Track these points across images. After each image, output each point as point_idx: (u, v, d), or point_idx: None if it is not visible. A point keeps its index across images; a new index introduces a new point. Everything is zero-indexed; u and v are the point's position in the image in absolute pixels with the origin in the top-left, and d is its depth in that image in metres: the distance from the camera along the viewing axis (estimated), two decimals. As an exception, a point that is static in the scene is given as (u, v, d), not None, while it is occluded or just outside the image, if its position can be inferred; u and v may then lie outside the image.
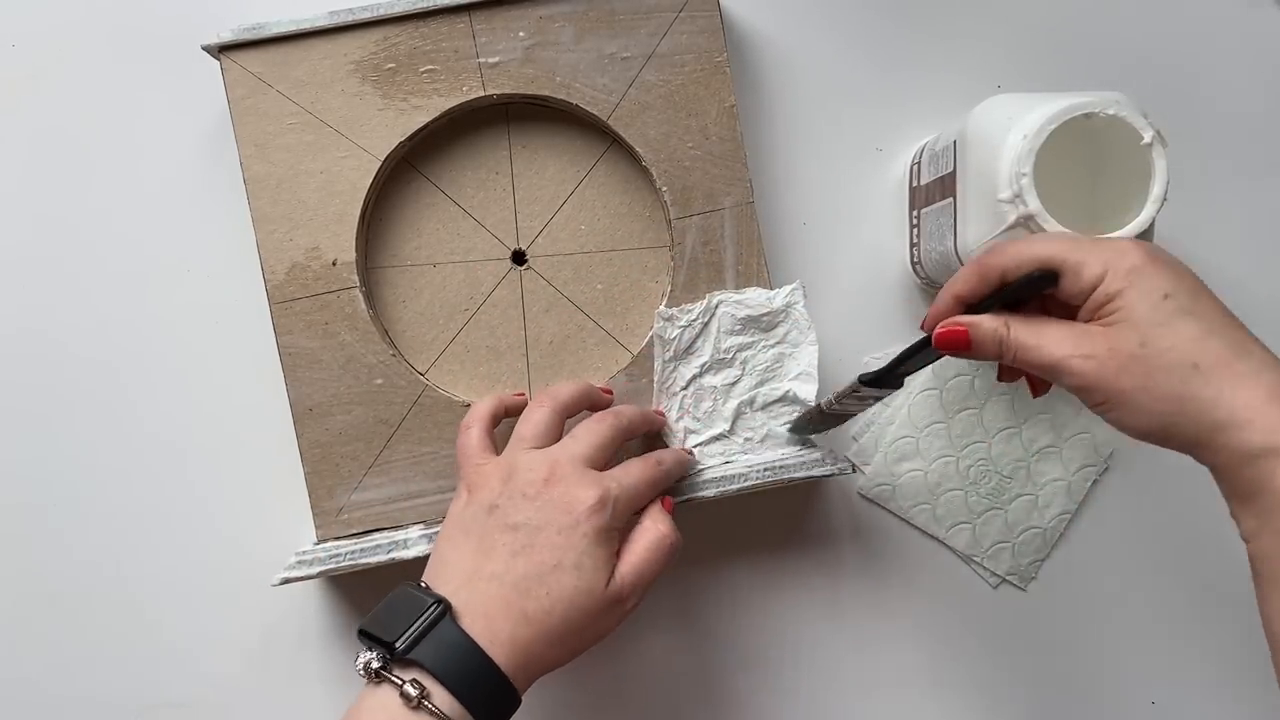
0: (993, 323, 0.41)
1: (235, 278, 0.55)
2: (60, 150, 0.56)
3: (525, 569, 0.42)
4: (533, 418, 0.47)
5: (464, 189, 0.54)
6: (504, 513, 0.43)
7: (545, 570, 0.42)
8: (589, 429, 0.46)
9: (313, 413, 0.52)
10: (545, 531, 0.42)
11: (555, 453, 0.45)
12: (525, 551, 0.42)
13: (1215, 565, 0.57)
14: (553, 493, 0.43)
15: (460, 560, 0.43)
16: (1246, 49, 0.58)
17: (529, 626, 0.41)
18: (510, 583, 0.42)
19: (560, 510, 0.43)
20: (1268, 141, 0.58)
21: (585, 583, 0.42)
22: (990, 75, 0.57)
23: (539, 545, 0.42)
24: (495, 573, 0.42)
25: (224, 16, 0.54)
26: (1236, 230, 0.57)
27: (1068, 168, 0.46)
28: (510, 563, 0.42)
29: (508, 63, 0.52)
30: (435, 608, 0.41)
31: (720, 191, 0.53)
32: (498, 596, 0.41)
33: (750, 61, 0.57)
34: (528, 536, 0.42)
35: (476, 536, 0.43)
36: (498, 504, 0.43)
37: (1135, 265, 0.39)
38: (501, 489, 0.44)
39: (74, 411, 0.56)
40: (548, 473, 0.44)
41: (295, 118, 0.52)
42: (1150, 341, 0.38)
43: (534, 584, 0.41)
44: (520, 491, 0.43)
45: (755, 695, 0.57)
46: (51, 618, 0.56)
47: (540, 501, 0.43)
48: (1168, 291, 0.38)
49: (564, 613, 0.41)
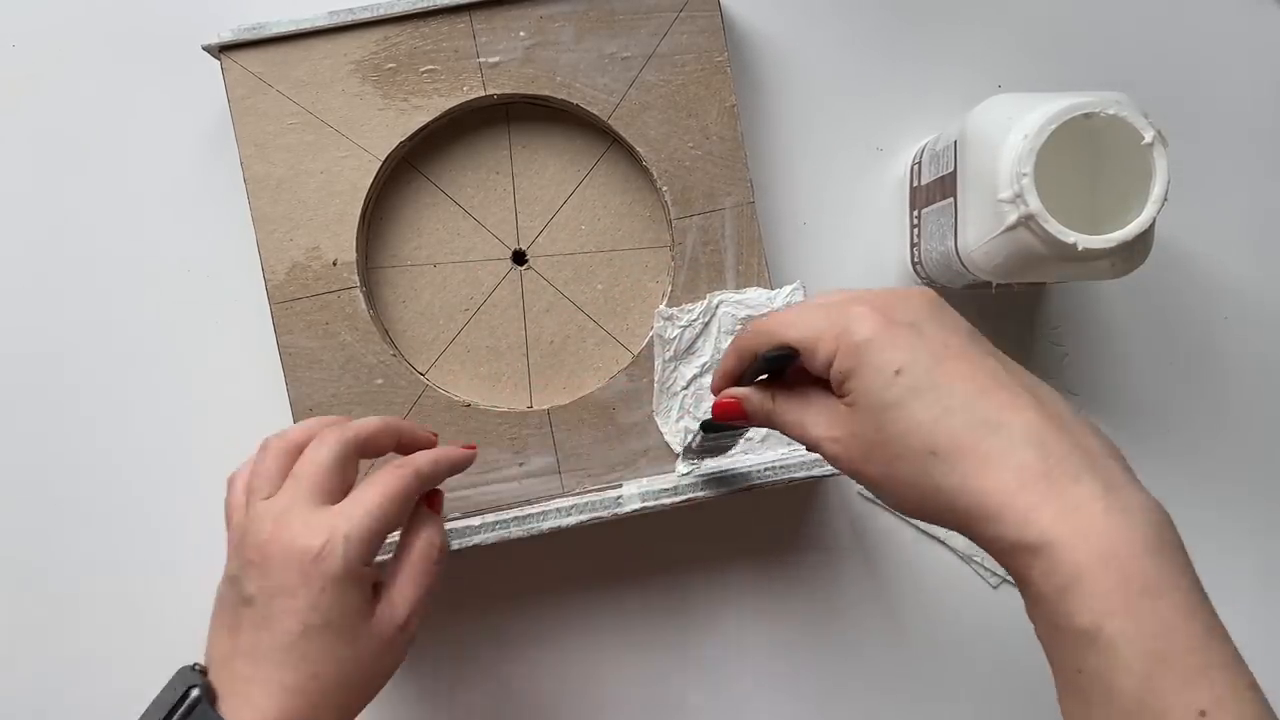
0: (759, 396, 0.40)
1: (235, 278, 0.55)
2: (60, 150, 0.56)
3: (272, 641, 0.38)
4: (259, 466, 0.42)
5: (464, 189, 0.54)
6: (240, 584, 0.40)
7: (293, 639, 0.38)
8: (307, 457, 0.41)
9: (313, 413, 0.52)
10: (279, 598, 0.38)
11: (280, 501, 0.40)
12: (266, 624, 0.39)
13: (1215, 565, 0.56)
14: (275, 552, 0.39)
15: (218, 640, 0.40)
16: (1247, 49, 0.58)
17: (296, 698, 0.38)
18: (262, 658, 0.38)
19: (286, 571, 0.38)
20: (1269, 141, 0.58)
21: (341, 637, 0.39)
22: (990, 75, 0.57)
23: (277, 614, 0.38)
24: (245, 650, 0.39)
25: (224, 16, 0.54)
26: (1237, 230, 0.57)
27: (1068, 168, 0.45)
28: (256, 638, 0.39)
29: (508, 63, 0.52)
30: (193, 694, 0.38)
31: (721, 191, 0.53)
32: (254, 675, 0.38)
33: (750, 61, 0.57)
34: (264, 607, 0.39)
35: (227, 612, 0.40)
36: (235, 575, 0.40)
37: (866, 338, 0.35)
38: (236, 557, 0.40)
39: (73, 411, 0.56)
40: (271, 528, 0.39)
41: (295, 118, 0.52)
42: (885, 426, 0.34)
43: (288, 655, 0.38)
44: (249, 559, 0.39)
45: (755, 695, 0.57)
46: (51, 618, 0.56)
47: (266, 566, 0.39)
48: (899, 366, 0.34)
49: (331, 673, 0.39)
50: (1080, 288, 0.57)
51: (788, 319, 0.38)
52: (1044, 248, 0.44)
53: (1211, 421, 0.58)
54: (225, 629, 0.40)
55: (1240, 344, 0.57)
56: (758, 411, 0.40)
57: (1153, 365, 0.58)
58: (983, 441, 0.32)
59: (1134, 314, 0.57)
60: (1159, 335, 0.57)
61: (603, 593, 0.56)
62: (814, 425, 0.37)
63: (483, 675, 0.56)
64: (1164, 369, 0.58)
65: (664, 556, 0.56)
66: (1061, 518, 0.31)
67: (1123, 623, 0.30)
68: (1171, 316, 0.57)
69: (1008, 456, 0.32)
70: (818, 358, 0.36)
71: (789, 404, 0.39)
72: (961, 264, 0.49)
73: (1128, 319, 0.57)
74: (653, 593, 0.57)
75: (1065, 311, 0.57)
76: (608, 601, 0.56)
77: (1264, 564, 0.57)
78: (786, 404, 0.39)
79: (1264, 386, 0.58)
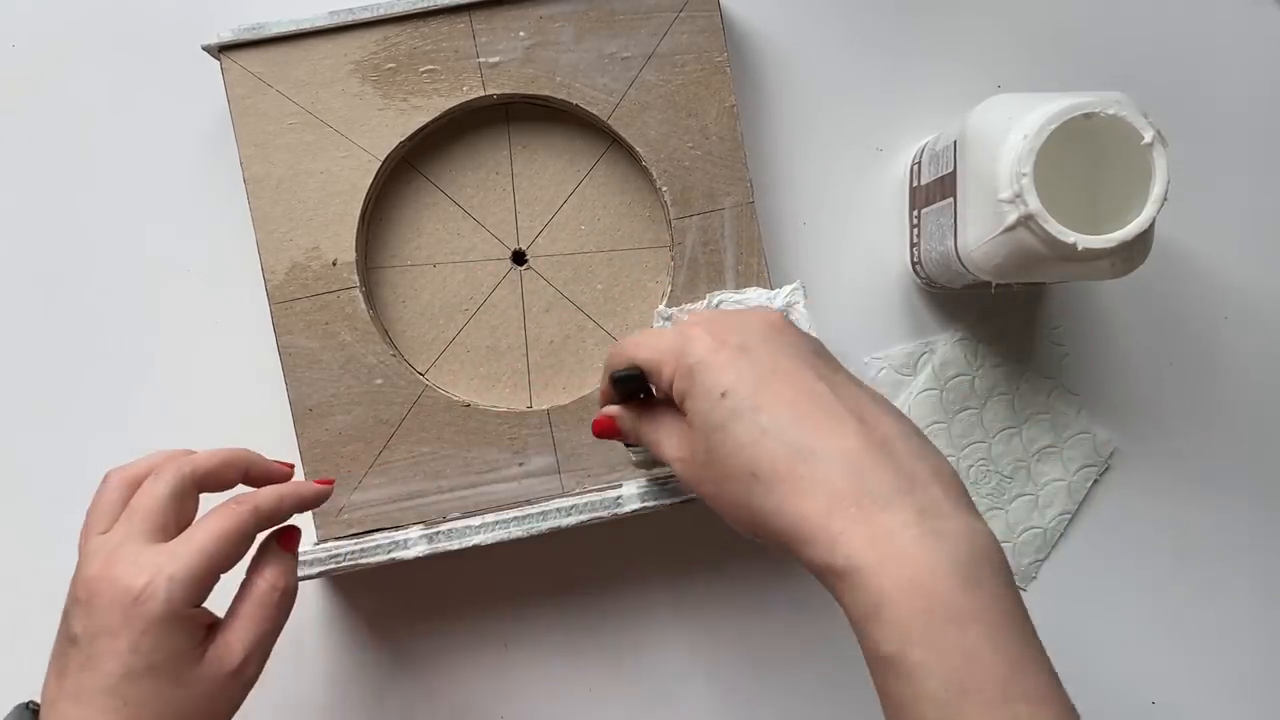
0: (628, 415, 0.42)
1: (235, 278, 0.55)
2: (60, 150, 0.56)
3: (94, 684, 0.37)
4: (98, 499, 0.41)
5: (464, 189, 0.54)
6: (67, 622, 0.38)
7: (115, 681, 0.37)
8: (144, 490, 0.40)
9: (313, 413, 0.52)
10: (101, 638, 0.37)
11: (109, 538, 0.39)
12: (89, 665, 0.37)
13: (1215, 566, 0.57)
14: (100, 590, 0.37)
15: (48, 681, 0.39)
16: (1247, 49, 0.57)
17: None
18: (86, 701, 0.37)
19: (110, 611, 0.37)
20: (1268, 141, 0.57)
21: (167, 680, 0.37)
22: (990, 75, 0.57)
23: (100, 655, 0.37)
24: (70, 692, 0.37)
25: (224, 16, 0.54)
26: (1237, 230, 0.57)
27: (1068, 168, 0.45)
28: (80, 680, 0.37)
29: (508, 63, 0.52)
30: None
31: (720, 191, 0.53)
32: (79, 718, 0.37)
33: (750, 61, 0.57)
34: (87, 647, 0.37)
35: (57, 652, 0.39)
36: (66, 611, 0.39)
37: (698, 360, 0.36)
38: (69, 594, 0.39)
39: (73, 412, 0.56)
40: (100, 565, 0.38)
41: (295, 118, 0.52)
42: (713, 448, 0.35)
43: (111, 698, 0.37)
44: (76, 595, 0.38)
45: (755, 695, 0.57)
46: (51, 618, 0.55)
47: (91, 605, 0.37)
48: (725, 389, 0.35)
49: (155, 716, 0.37)
50: (1080, 288, 0.57)
51: (639, 340, 0.39)
52: (1044, 248, 0.44)
53: (1211, 421, 0.57)
54: (55, 669, 0.39)
55: (1240, 344, 0.57)
56: (628, 430, 0.42)
57: (1153, 365, 0.57)
58: (797, 466, 0.33)
59: (1134, 314, 0.57)
60: (1159, 335, 0.57)
61: (602, 593, 0.56)
62: (666, 445, 0.39)
63: (482, 675, 0.56)
64: (1164, 369, 0.57)
65: (664, 556, 0.56)
66: (870, 544, 0.31)
67: (924, 652, 0.30)
68: (1171, 316, 0.57)
69: (820, 482, 0.33)
70: (662, 379, 0.38)
71: (649, 423, 0.40)
72: (961, 264, 0.49)
73: (1128, 319, 0.57)
74: (653, 593, 0.57)
75: (1065, 311, 0.57)
76: (607, 601, 0.56)
77: (1264, 563, 0.57)
78: (647, 423, 0.40)
79: (1264, 386, 0.58)
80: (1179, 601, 0.57)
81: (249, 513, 0.40)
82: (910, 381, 0.57)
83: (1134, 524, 0.57)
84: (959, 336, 0.57)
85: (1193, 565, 0.57)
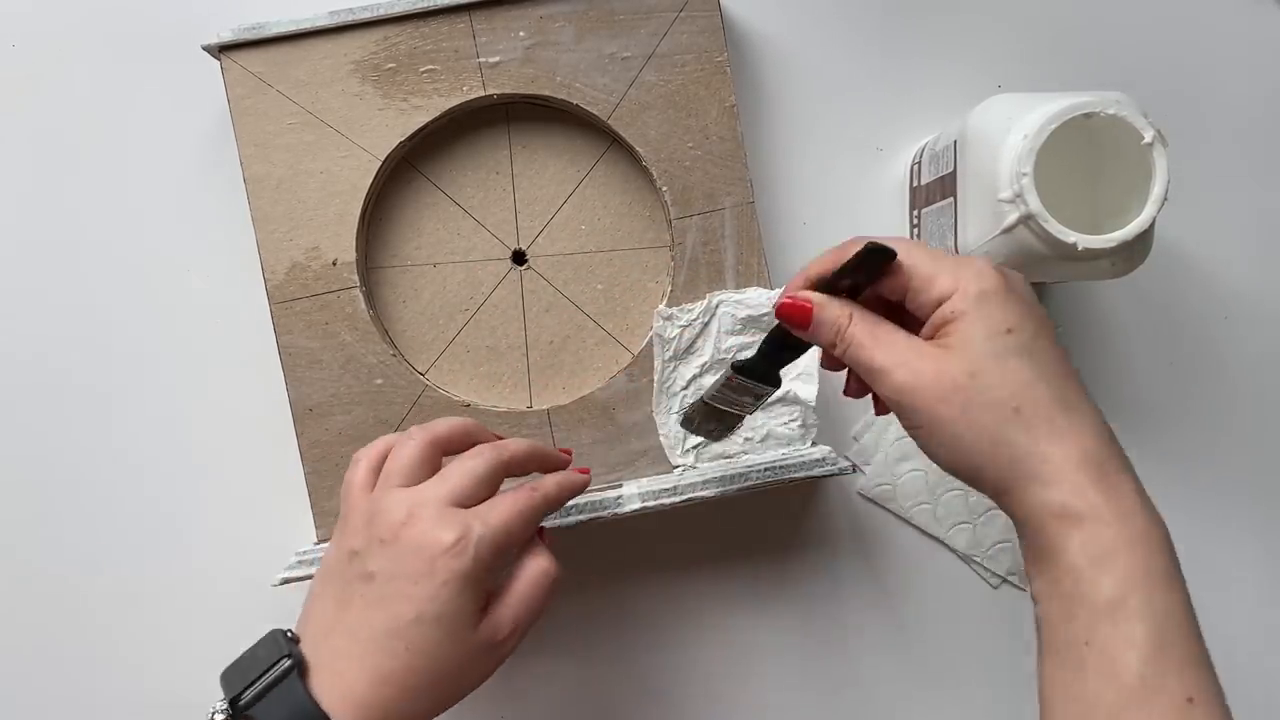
0: (838, 309, 0.39)
1: (235, 278, 0.55)
2: (60, 150, 0.56)
3: (381, 623, 0.38)
4: (401, 453, 0.42)
5: (464, 189, 0.54)
6: (362, 560, 0.40)
7: (403, 624, 0.38)
8: (459, 465, 0.42)
9: (313, 413, 0.52)
10: (398, 580, 0.39)
11: (420, 492, 0.41)
12: (380, 603, 0.39)
13: (1216, 565, 0.57)
14: (409, 536, 0.39)
15: (321, 611, 0.40)
16: (1247, 49, 0.57)
17: (387, 686, 0.38)
18: (366, 638, 0.38)
19: (415, 557, 0.39)
20: (1269, 141, 0.58)
21: (448, 634, 0.39)
22: (990, 75, 0.57)
23: (394, 596, 0.39)
24: (351, 626, 0.39)
25: (224, 16, 0.54)
26: (1237, 230, 0.57)
27: (1068, 168, 0.45)
28: (366, 615, 0.39)
29: (508, 63, 0.52)
30: (284, 664, 0.38)
31: (720, 191, 0.53)
32: (354, 654, 0.38)
33: (750, 61, 0.57)
34: (382, 587, 0.39)
35: (336, 585, 0.40)
36: (357, 550, 0.40)
37: (985, 291, 0.37)
38: (363, 533, 0.40)
39: (73, 412, 0.56)
40: (406, 515, 0.40)
41: (295, 117, 0.52)
42: (979, 374, 0.36)
43: (391, 640, 0.38)
44: (378, 536, 0.40)
45: (755, 695, 0.57)
46: (51, 618, 0.56)
47: (397, 547, 0.39)
48: (1011, 326, 0.36)
49: (428, 667, 0.38)
50: (1080, 288, 0.57)
51: (913, 244, 0.39)
52: (1044, 248, 0.44)
53: (1211, 421, 0.57)
54: (333, 601, 0.40)
55: (1240, 344, 0.57)
56: (827, 322, 0.39)
57: (1153, 365, 0.57)
58: (1060, 414, 0.36)
59: (1134, 314, 0.57)
60: (1159, 335, 0.57)
61: (602, 593, 0.56)
62: (888, 353, 0.38)
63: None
64: (1164, 369, 0.58)
65: (664, 556, 0.56)
66: (1109, 499, 0.35)
67: (1144, 601, 0.34)
68: (1171, 316, 0.57)
69: (1078, 434, 0.35)
70: (932, 291, 0.38)
71: (866, 325, 0.39)
72: None
73: (1128, 319, 0.57)
74: (653, 593, 0.57)
75: (1065, 311, 0.57)
76: (607, 602, 0.56)
77: (1264, 563, 0.57)
78: (864, 325, 0.39)
79: (1264, 386, 0.58)
80: (1179, 601, 0.57)
81: (541, 499, 0.42)
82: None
83: None
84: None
85: (1193, 565, 0.57)
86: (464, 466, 0.42)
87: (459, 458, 0.43)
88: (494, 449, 0.43)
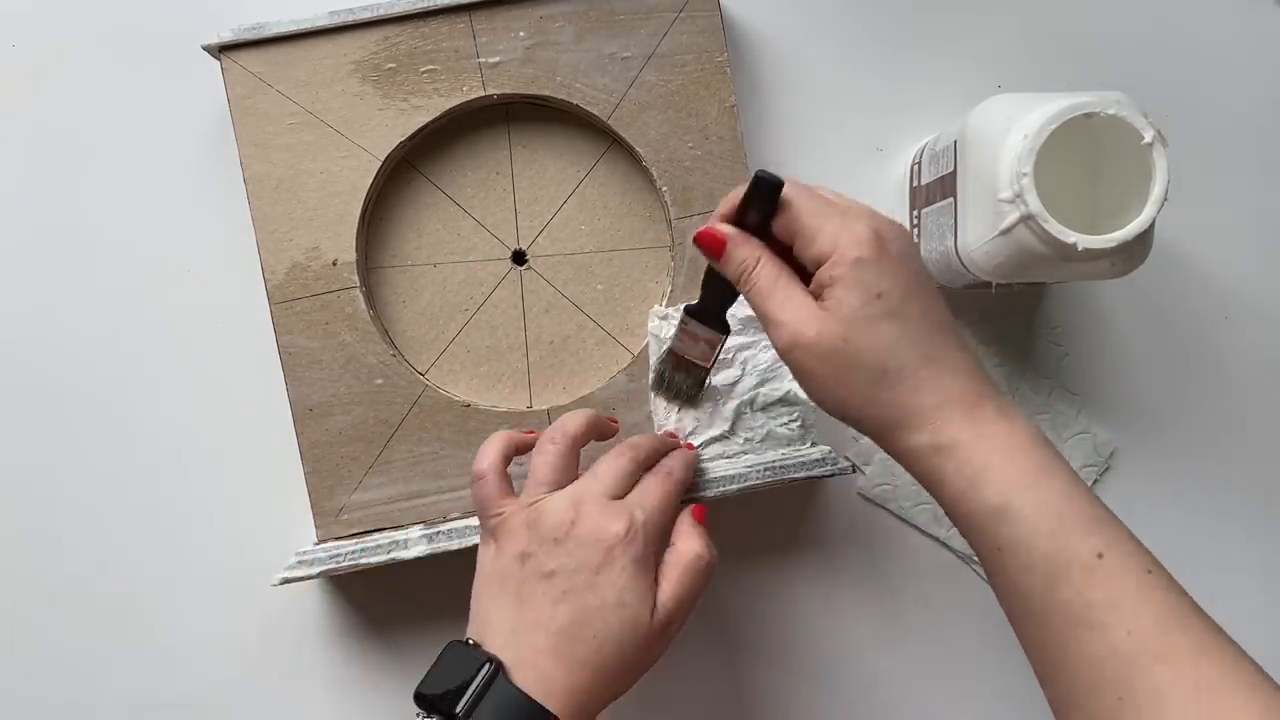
0: (748, 250, 0.42)
1: (235, 278, 0.55)
2: (60, 150, 0.56)
3: (569, 615, 0.41)
4: (547, 458, 0.45)
5: (464, 189, 0.54)
6: (537, 561, 0.42)
7: (589, 613, 0.41)
8: (609, 464, 0.45)
9: (313, 413, 0.52)
10: (581, 573, 0.41)
11: (578, 491, 0.44)
12: (565, 597, 0.41)
13: (1216, 566, 0.57)
14: (581, 533, 0.42)
15: (501, 615, 0.42)
16: (1247, 49, 0.57)
17: (583, 671, 0.40)
18: (556, 630, 0.41)
19: (592, 549, 0.42)
20: (1268, 141, 0.57)
21: (631, 617, 0.41)
22: (990, 75, 0.57)
23: (578, 588, 0.41)
24: (539, 622, 0.41)
25: (224, 16, 0.53)
26: (1237, 230, 0.57)
27: (1068, 168, 0.45)
28: (553, 611, 0.41)
29: (508, 63, 0.52)
30: (488, 667, 0.40)
31: (720, 191, 0.53)
32: (546, 647, 0.41)
33: (750, 61, 0.57)
34: (565, 581, 0.41)
35: (514, 588, 0.42)
36: (529, 552, 0.42)
37: (859, 257, 0.39)
38: (529, 536, 0.43)
39: (73, 412, 0.56)
40: (573, 514, 0.43)
41: (295, 118, 0.52)
42: (852, 339, 0.39)
43: (580, 628, 0.41)
44: (550, 537, 0.42)
45: (754, 695, 0.57)
46: (51, 618, 0.56)
47: (571, 544, 0.42)
48: (881, 290, 0.39)
49: (615, 651, 0.41)
50: (1080, 288, 0.57)
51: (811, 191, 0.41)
52: (1044, 248, 0.44)
53: (1211, 421, 0.57)
54: (511, 602, 0.42)
55: (1240, 344, 0.57)
56: (734, 260, 0.42)
57: (1153, 365, 0.57)
58: (922, 369, 0.39)
59: (1134, 314, 0.57)
60: (1159, 335, 0.57)
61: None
62: (782, 307, 0.40)
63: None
64: (1164, 369, 0.57)
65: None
66: (970, 427, 0.39)
67: (1027, 495, 0.37)
68: (1171, 316, 0.57)
69: (940, 380, 0.39)
70: (811, 249, 0.40)
71: (770, 273, 0.41)
72: (961, 264, 0.49)
73: (1128, 319, 0.57)
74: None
75: (1065, 311, 0.57)
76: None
77: (1265, 563, 0.57)
78: (768, 272, 0.41)
79: (1264, 386, 0.58)
80: (1179, 601, 0.57)
81: (677, 484, 0.46)
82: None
83: (1134, 524, 0.56)
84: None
85: (1193, 565, 0.57)
86: (614, 465, 0.45)
87: (604, 458, 0.46)
88: (632, 450, 0.46)
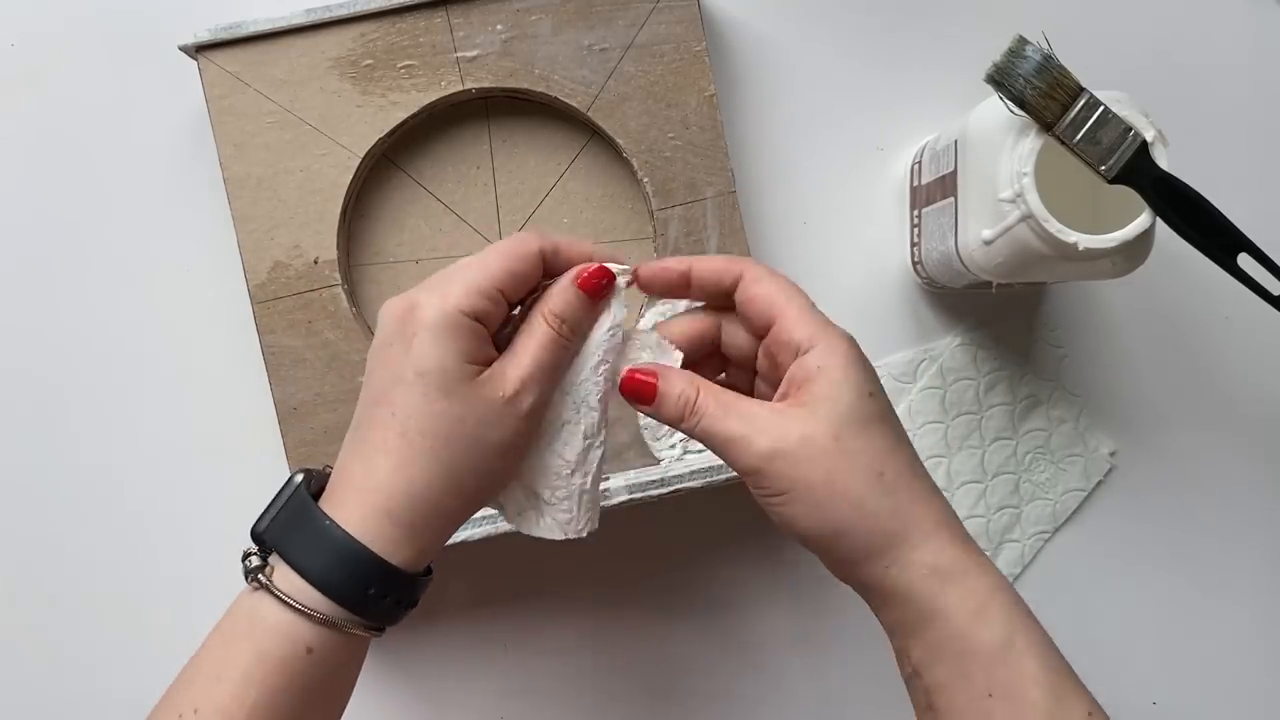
0: (684, 381, 0.37)
1: (217, 277, 0.55)
2: (37, 153, 0.56)
3: (365, 397, 0.37)
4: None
5: (445, 184, 0.54)
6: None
7: (385, 388, 0.36)
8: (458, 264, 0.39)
9: (297, 412, 0.52)
10: (379, 350, 0.37)
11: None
12: (365, 384, 0.37)
13: (1216, 566, 0.57)
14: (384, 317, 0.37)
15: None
16: (1247, 49, 0.56)
17: (382, 455, 0.36)
18: (356, 421, 0.37)
19: (385, 329, 0.37)
20: (1268, 141, 0.56)
21: (437, 388, 0.35)
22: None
23: (374, 369, 0.37)
24: (351, 423, 0.37)
25: (200, 16, 0.53)
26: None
27: (1068, 167, 0.44)
28: (358, 406, 0.37)
29: (486, 56, 0.51)
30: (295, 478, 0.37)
31: (702, 182, 0.52)
32: (347, 442, 0.37)
33: (750, 62, 0.57)
34: (368, 375, 0.37)
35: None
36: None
37: (848, 354, 0.36)
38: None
39: (58, 411, 0.56)
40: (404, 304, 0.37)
41: (274, 116, 0.52)
42: (845, 439, 0.35)
43: (375, 410, 0.36)
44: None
45: (752, 694, 0.57)
46: (48, 618, 0.56)
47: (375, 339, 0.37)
48: (873, 390, 0.36)
49: (421, 428, 0.35)
50: (1080, 288, 0.56)
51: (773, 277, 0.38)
52: (1044, 247, 0.44)
53: (1212, 421, 0.57)
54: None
55: (1240, 344, 0.57)
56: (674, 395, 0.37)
57: (1153, 365, 0.57)
58: (916, 479, 0.37)
59: (1134, 314, 0.57)
60: (1159, 336, 0.57)
61: (597, 590, 0.57)
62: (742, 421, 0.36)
63: (482, 675, 0.57)
64: (1164, 369, 0.57)
65: (659, 554, 0.57)
66: (968, 553, 0.36)
67: (1029, 636, 0.35)
68: (1171, 316, 0.57)
69: (932, 498, 0.37)
70: (795, 333, 0.36)
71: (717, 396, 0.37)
72: (962, 263, 0.49)
73: (1128, 319, 0.57)
74: (648, 590, 0.57)
75: (1065, 311, 0.57)
76: (603, 599, 0.57)
77: (1265, 563, 0.57)
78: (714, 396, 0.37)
79: (1264, 387, 0.57)
80: (1179, 602, 0.57)
81: (535, 236, 0.38)
82: (909, 388, 0.56)
83: (1134, 524, 0.57)
84: (959, 342, 0.57)
85: (1193, 566, 0.57)
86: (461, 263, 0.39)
87: None
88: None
